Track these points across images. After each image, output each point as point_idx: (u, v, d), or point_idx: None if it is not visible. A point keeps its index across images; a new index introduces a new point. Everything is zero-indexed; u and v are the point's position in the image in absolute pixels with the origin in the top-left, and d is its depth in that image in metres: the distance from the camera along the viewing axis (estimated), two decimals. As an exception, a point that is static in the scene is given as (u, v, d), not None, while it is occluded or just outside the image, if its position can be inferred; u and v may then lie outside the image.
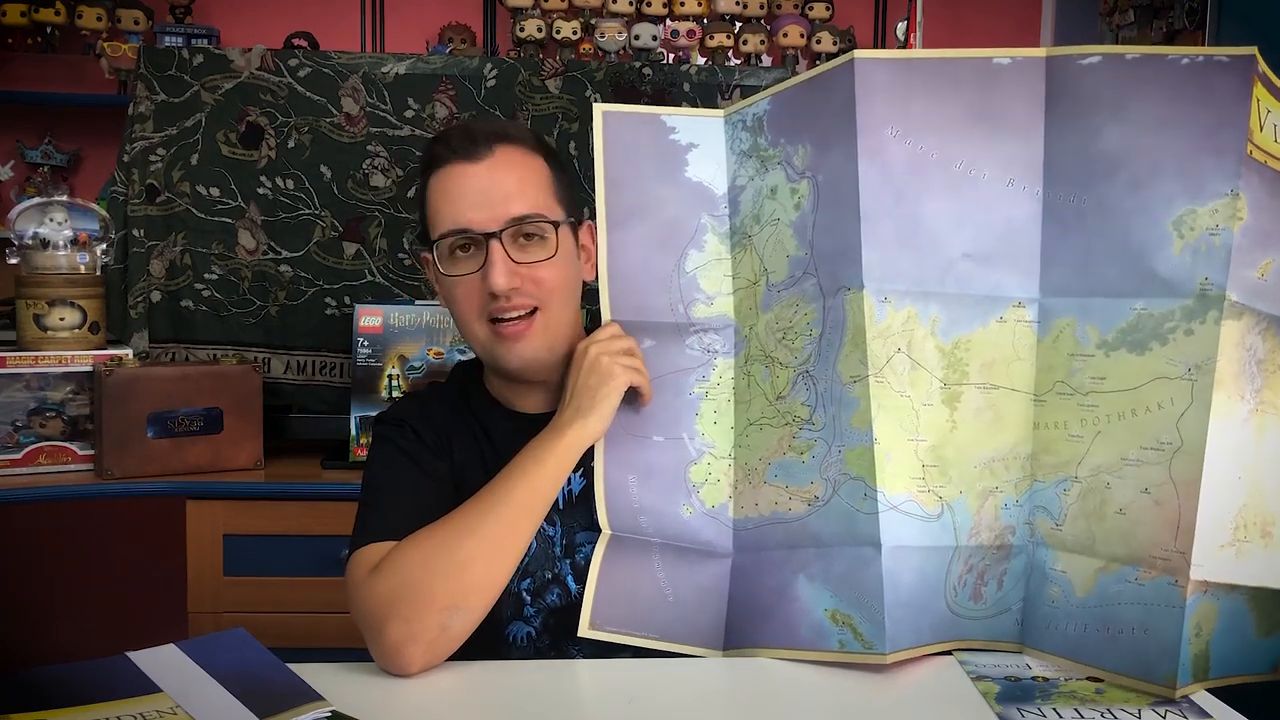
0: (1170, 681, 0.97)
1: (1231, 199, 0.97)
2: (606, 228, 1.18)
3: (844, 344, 1.07)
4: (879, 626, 1.04)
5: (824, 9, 3.40)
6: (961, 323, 1.07)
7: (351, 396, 2.19)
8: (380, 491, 1.16)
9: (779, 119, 1.14)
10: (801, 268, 1.11)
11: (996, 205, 1.06)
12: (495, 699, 1.02)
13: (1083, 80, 1.03)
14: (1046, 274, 1.06)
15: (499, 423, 1.22)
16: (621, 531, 1.14)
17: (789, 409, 1.11)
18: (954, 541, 1.06)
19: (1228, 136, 0.98)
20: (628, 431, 1.15)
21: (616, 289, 1.18)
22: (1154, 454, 0.99)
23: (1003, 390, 1.07)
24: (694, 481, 1.15)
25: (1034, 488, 1.07)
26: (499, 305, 1.14)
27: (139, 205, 2.30)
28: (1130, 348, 1.01)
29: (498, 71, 2.35)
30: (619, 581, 1.13)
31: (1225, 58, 0.99)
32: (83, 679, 0.94)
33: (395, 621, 1.02)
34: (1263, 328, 1.00)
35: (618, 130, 1.19)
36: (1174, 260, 0.99)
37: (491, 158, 1.16)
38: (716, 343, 1.17)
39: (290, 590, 2.02)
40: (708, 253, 1.18)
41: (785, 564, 1.10)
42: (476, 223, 1.14)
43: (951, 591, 1.07)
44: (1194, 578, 0.96)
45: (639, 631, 1.12)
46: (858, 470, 1.06)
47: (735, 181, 1.18)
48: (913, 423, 1.06)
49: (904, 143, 1.06)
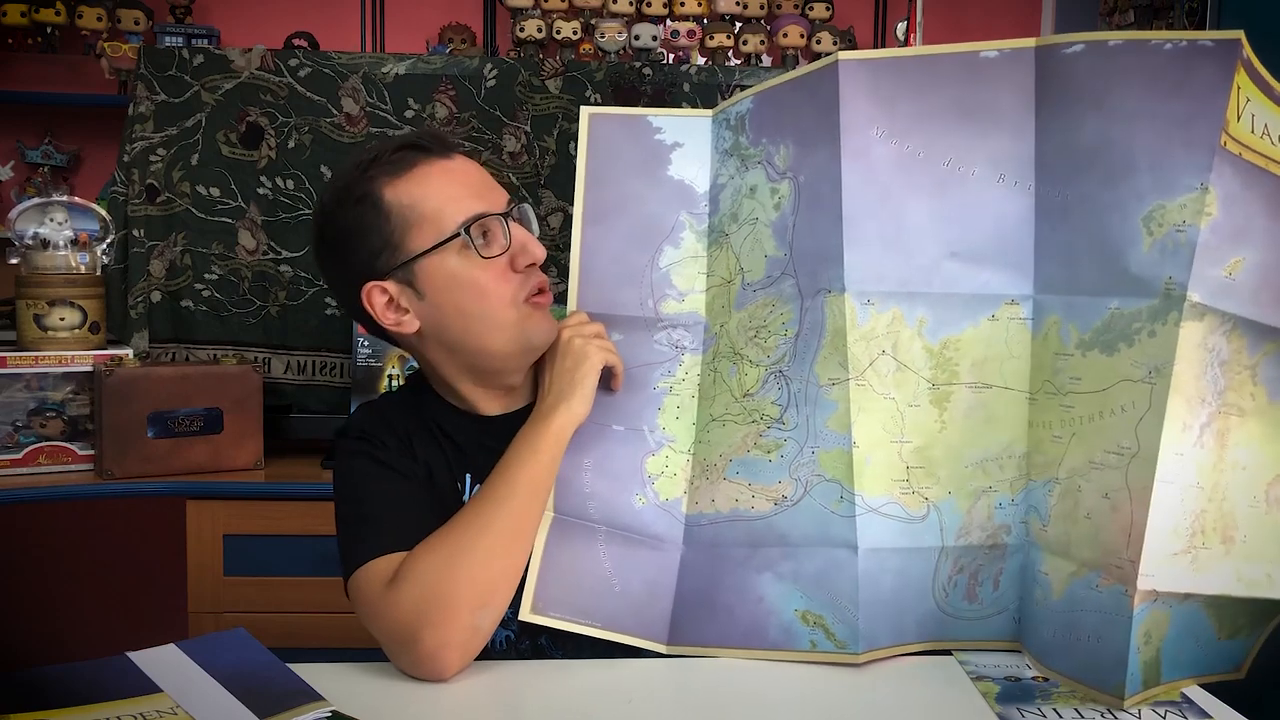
0: (1118, 691, 0.95)
1: (1200, 194, 0.93)
2: (582, 223, 1.19)
3: (822, 346, 1.06)
4: (852, 627, 1.04)
5: (824, 9, 3.40)
6: (950, 322, 1.05)
7: (351, 396, 2.19)
8: (369, 505, 1.13)
9: (761, 118, 1.14)
10: (779, 268, 1.11)
11: (986, 202, 1.05)
12: (495, 699, 1.02)
13: (1068, 70, 1.01)
14: (1040, 271, 1.04)
15: (460, 426, 1.20)
16: (567, 515, 1.13)
17: (757, 406, 1.10)
18: (940, 542, 1.06)
19: (1201, 128, 0.93)
20: (589, 418, 1.14)
21: (587, 282, 1.19)
22: (1115, 458, 0.97)
23: (996, 389, 1.06)
24: (650, 473, 1.14)
25: (1029, 487, 1.06)
26: (535, 280, 1.13)
27: (139, 205, 2.30)
28: (1102, 348, 0.99)
29: (498, 72, 2.35)
30: (564, 567, 1.11)
31: (1210, 43, 0.95)
32: (83, 679, 0.94)
33: (428, 630, 1.01)
34: (1227, 329, 0.96)
35: (602, 131, 1.20)
36: (1143, 258, 0.96)
37: (460, 156, 1.16)
38: (685, 339, 1.16)
39: (290, 590, 2.02)
40: (684, 250, 1.18)
41: (747, 562, 1.09)
42: (495, 204, 1.12)
43: (941, 592, 1.07)
44: (1142, 587, 0.94)
45: (584, 619, 1.10)
46: (833, 473, 1.05)
47: (716, 180, 1.17)
48: (897, 425, 1.05)
49: (890, 142, 1.05)
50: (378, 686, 1.02)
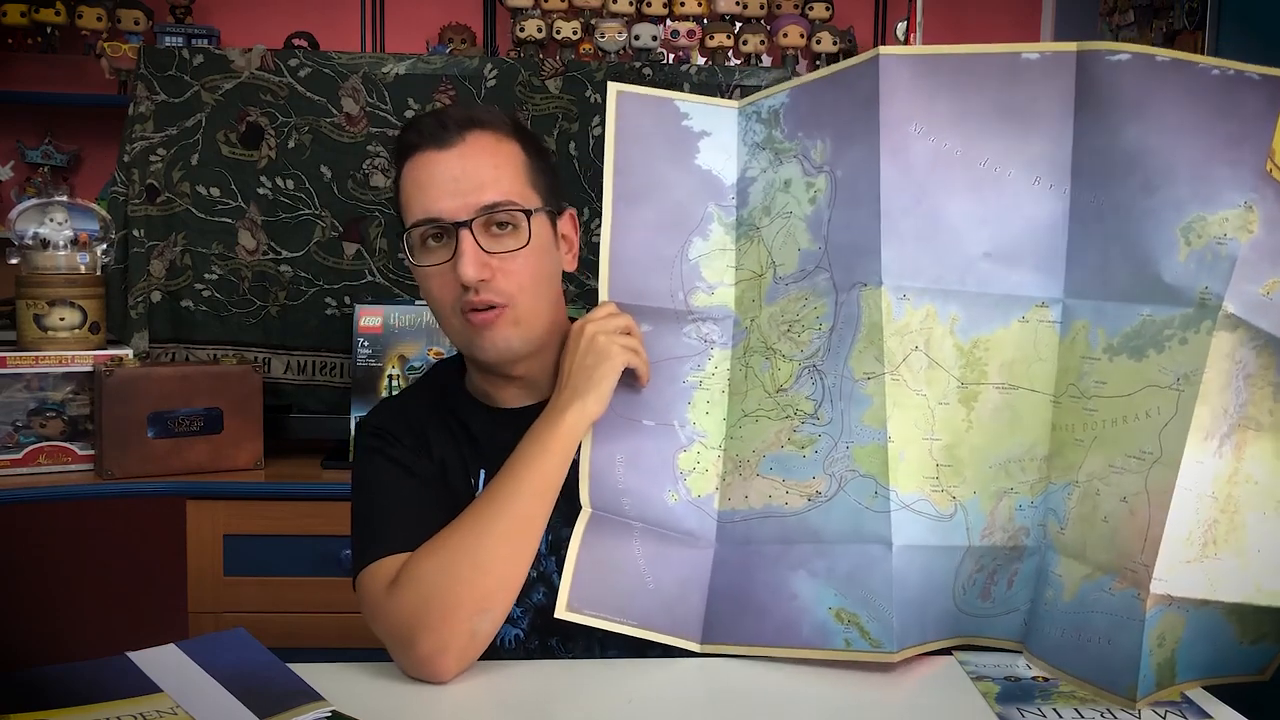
0: (1130, 693, 0.95)
1: (1244, 210, 0.95)
2: (612, 207, 1.16)
3: (858, 340, 1.06)
4: (886, 625, 1.03)
5: (824, 9, 3.39)
6: (981, 322, 1.06)
7: (351, 397, 2.19)
8: (379, 504, 1.14)
9: (797, 112, 1.13)
10: (814, 261, 1.10)
11: (1021, 204, 1.05)
12: (495, 699, 1.02)
13: (1111, 77, 1.01)
14: (1070, 275, 1.05)
15: (478, 419, 1.21)
16: (603, 510, 1.12)
17: (790, 402, 1.10)
18: (966, 541, 1.06)
19: (1248, 149, 0.96)
20: (618, 412, 1.13)
21: (617, 270, 1.16)
22: (1136, 463, 0.98)
23: (1022, 391, 1.06)
24: (681, 469, 1.13)
25: (1049, 489, 1.06)
26: (470, 298, 1.11)
27: (139, 205, 2.30)
28: (1131, 353, 1.00)
29: (498, 71, 2.35)
30: (599, 563, 1.10)
31: (1257, 75, 0.96)
32: (83, 679, 0.94)
33: (424, 633, 1.01)
34: (1259, 344, 0.97)
35: (631, 111, 1.17)
36: (1179, 267, 0.97)
37: (463, 144, 1.12)
38: (714, 333, 1.16)
39: (290, 590, 2.02)
40: (712, 242, 1.16)
41: (780, 559, 1.08)
42: (447, 211, 1.10)
43: (960, 590, 1.07)
44: (1154, 591, 0.94)
45: (618, 617, 1.09)
46: (868, 468, 1.05)
47: (745, 173, 1.16)
48: (928, 421, 1.05)
49: (927, 140, 1.05)
50: (378, 686, 1.02)
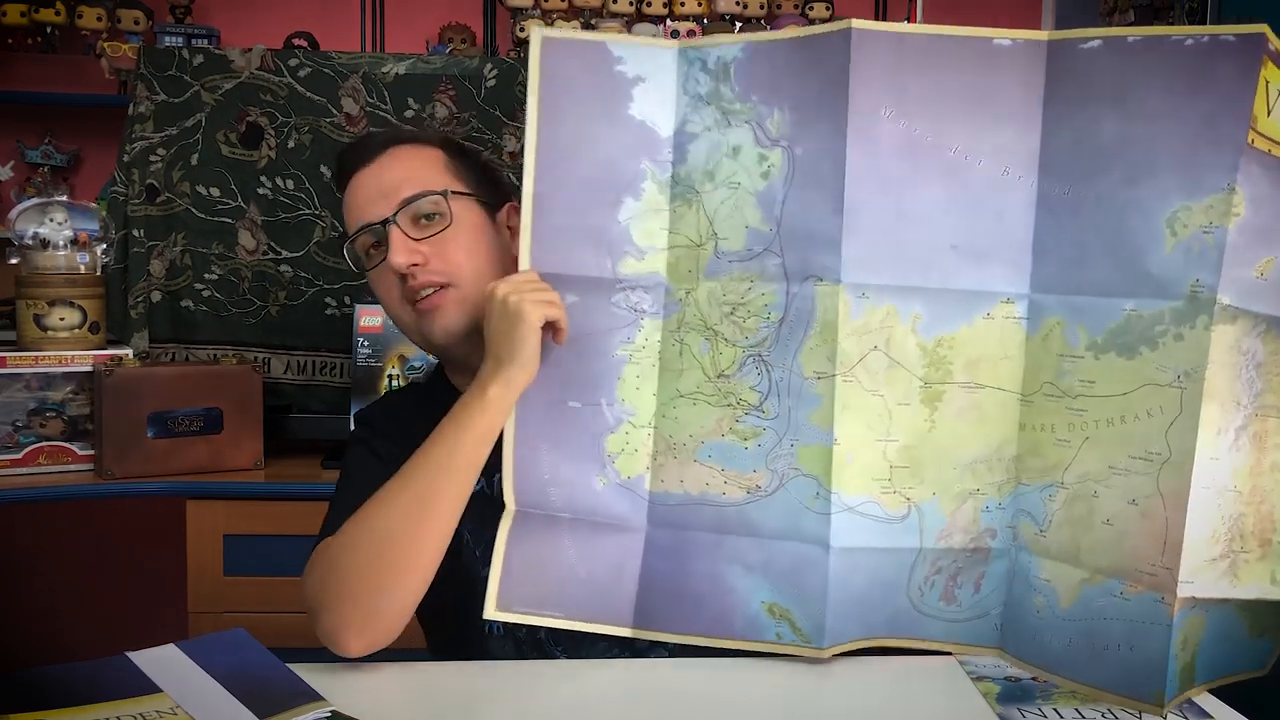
0: (1158, 699, 0.94)
1: (1227, 194, 0.91)
2: (535, 168, 1.07)
3: (809, 337, 1.03)
4: (818, 623, 1.03)
5: (824, 9, 3.40)
6: (945, 320, 1.02)
7: (351, 396, 2.19)
8: (345, 489, 1.17)
9: (753, 72, 1.04)
10: (763, 243, 1.04)
11: (989, 196, 1.01)
12: (495, 699, 1.02)
13: (1084, 66, 0.99)
14: (1038, 270, 1.01)
15: None
16: (529, 507, 1.09)
17: (733, 390, 1.06)
18: (918, 544, 1.04)
19: (1228, 125, 0.92)
20: (542, 397, 1.08)
21: (540, 238, 1.08)
22: (1142, 464, 0.95)
23: (989, 390, 1.03)
24: (609, 451, 1.09)
25: (1018, 490, 1.04)
26: (410, 284, 1.16)
27: (139, 205, 2.30)
28: (1120, 351, 0.97)
29: (498, 71, 2.35)
30: (527, 560, 1.08)
31: (1232, 37, 0.92)
32: (83, 679, 0.94)
33: (324, 611, 1.05)
34: (1261, 330, 0.94)
35: (557, 58, 1.06)
36: (1166, 259, 0.94)
37: (384, 157, 1.21)
38: (644, 301, 1.08)
39: (290, 590, 1.99)
40: (644, 202, 1.07)
41: (716, 549, 1.07)
42: (374, 215, 1.18)
43: (916, 591, 1.05)
44: (1182, 595, 0.92)
45: (548, 611, 1.08)
46: (811, 468, 1.03)
47: (685, 126, 1.07)
48: (884, 423, 1.03)
49: (898, 124, 1.00)
50: (378, 686, 1.02)
